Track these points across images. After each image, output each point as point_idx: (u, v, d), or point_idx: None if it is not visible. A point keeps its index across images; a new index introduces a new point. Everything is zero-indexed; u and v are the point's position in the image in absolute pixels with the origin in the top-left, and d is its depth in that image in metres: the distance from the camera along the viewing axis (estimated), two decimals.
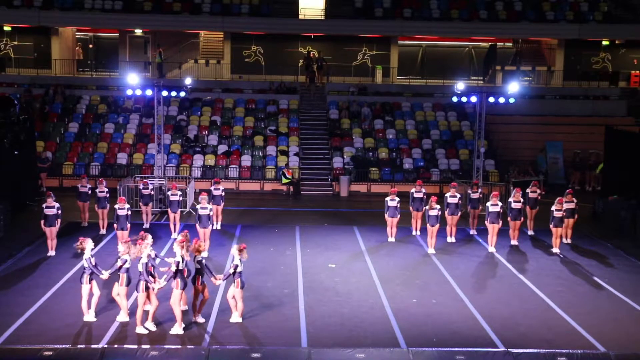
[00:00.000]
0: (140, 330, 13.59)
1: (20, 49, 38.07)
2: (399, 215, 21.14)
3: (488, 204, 20.33)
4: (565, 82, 37.70)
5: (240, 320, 14.23)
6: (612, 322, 14.89)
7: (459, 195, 21.34)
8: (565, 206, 20.70)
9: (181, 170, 30.04)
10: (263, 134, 32.82)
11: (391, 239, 21.20)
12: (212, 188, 22.89)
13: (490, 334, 14.07)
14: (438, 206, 20.25)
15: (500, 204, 20.43)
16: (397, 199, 21.03)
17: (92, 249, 14.57)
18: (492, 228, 20.21)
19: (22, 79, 35.59)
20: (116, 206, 19.42)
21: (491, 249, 20.33)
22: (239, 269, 13.95)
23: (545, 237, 21.43)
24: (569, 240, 21.24)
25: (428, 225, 20.22)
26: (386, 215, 21.20)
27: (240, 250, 14.04)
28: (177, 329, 13.63)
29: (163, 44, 37.68)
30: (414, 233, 22.03)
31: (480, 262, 19.40)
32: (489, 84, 36.94)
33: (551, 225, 20.41)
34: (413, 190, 21.96)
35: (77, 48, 38.47)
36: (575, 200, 21.14)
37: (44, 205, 19.03)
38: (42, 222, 18.90)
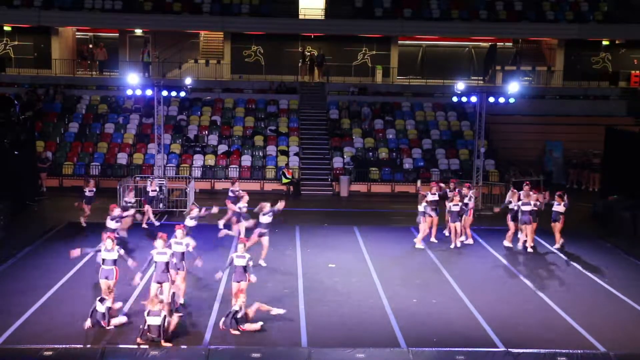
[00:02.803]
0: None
1: (20, 49, 38.07)
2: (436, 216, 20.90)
3: (518, 202, 20.34)
4: (565, 82, 37.68)
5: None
6: (612, 322, 14.90)
7: (460, 204, 20.99)
8: (554, 208, 20.52)
9: (181, 170, 30.04)
10: (263, 134, 32.83)
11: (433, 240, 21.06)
12: (229, 189, 22.42)
13: (490, 334, 14.08)
14: (460, 203, 20.48)
15: (532, 203, 20.20)
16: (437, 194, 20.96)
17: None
18: (525, 228, 20.30)
19: (22, 79, 35.59)
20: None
21: (507, 243, 20.66)
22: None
23: (545, 237, 21.38)
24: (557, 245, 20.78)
25: (449, 221, 20.57)
26: (423, 218, 20.56)
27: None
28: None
29: (163, 44, 37.66)
30: (432, 240, 21.24)
31: (480, 262, 19.40)
32: (489, 83, 36.92)
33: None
34: (428, 193, 21.17)
35: (100, 48, 37.80)
36: (563, 203, 20.38)
37: (86, 190, 22.26)
38: (82, 201, 22.01)
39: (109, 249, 14.44)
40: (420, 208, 20.52)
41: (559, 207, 20.34)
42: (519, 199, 20.55)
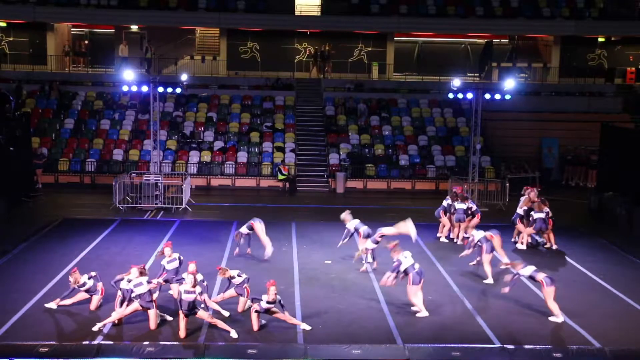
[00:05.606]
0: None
1: (15, 45, 37.94)
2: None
3: (532, 212, 20.12)
4: (561, 79, 37.71)
5: None
6: (607, 318, 14.93)
7: (466, 206, 20.83)
8: (535, 215, 20.14)
9: (177, 167, 30.03)
10: (259, 130, 32.81)
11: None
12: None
13: (485, 330, 14.10)
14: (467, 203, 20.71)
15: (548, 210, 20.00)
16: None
17: None
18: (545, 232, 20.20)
19: (17, 75, 35.45)
20: None
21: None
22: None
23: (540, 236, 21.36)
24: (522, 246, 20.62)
25: (455, 219, 20.82)
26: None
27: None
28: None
29: (159, 40, 37.58)
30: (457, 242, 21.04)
31: (476, 259, 19.38)
32: (485, 80, 36.92)
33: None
34: (456, 203, 20.93)
35: (123, 45, 37.03)
36: (545, 212, 20.09)
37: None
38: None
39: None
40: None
41: (540, 214, 20.01)
42: (530, 208, 20.37)
